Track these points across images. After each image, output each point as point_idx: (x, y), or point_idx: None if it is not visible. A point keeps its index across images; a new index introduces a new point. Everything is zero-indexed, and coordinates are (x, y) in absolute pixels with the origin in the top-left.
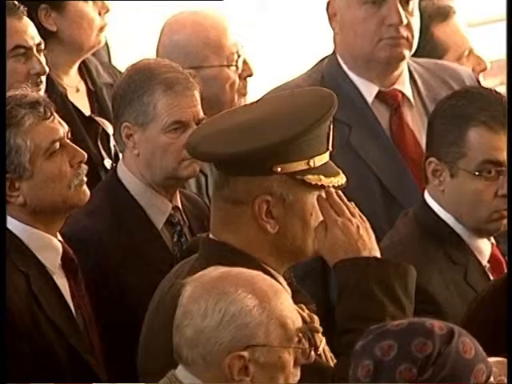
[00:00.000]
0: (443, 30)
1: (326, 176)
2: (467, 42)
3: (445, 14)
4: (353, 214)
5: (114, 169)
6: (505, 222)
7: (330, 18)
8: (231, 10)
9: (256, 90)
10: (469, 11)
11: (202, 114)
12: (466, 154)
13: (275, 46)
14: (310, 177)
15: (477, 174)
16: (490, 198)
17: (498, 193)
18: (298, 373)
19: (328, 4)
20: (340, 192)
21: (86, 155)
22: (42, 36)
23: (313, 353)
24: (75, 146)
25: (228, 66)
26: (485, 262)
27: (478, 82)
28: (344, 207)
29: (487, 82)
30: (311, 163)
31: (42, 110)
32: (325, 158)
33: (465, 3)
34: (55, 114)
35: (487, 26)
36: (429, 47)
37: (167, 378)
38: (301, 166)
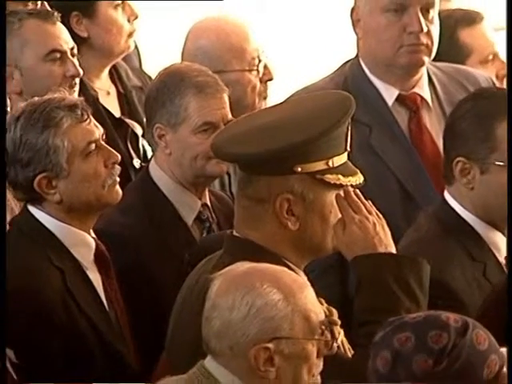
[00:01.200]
0: (469, 33)
1: (344, 175)
2: (492, 46)
3: (472, 19)
4: (370, 212)
5: (146, 168)
6: None
7: (353, 24)
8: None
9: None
10: (496, 15)
11: (230, 116)
12: (497, 148)
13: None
14: (328, 176)
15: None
16: None
17: None
18: (321, 364)
19: (352, 10)
20: (357, 191)
21: (119, 156)
22: (74, 41)
23: (335, 344)
24: (109, 147)
25: (249, 71)
26: (501, 259)
27: (494, 85)
28: (361, 205)
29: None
30: (330, 163)
31: (79, 112)
32: (343, 158)
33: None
34: (91, 117)
35: None
36: (453, 51)
37: (196, 368)
38: (320, 166)
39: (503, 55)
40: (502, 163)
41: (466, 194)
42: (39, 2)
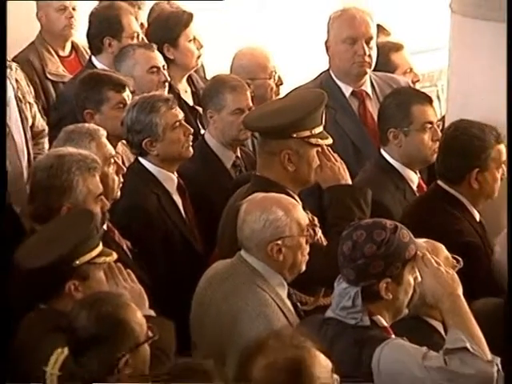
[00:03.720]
0: (396, 56)
1: (321, 139)
2: (409, 64)
3: (398, 47)
4: (336, 160)
5: (202, 136)
6: (434, 157)
7: (326, 50)
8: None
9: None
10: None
11: (251, 104)
12: (413, 121)
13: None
14: (312, 139)
15: (422, 127)
16: (430, 143)
17: (433, 138)
18: (308, 248)
19: (325, 41)
20: (329, 148)
21: (191, 130)
22: (165, 61)
23: (316, 237)
24: (187, 124)
25: (269, 79)
26: (414, 188)
27: (409, 85)
28: (331, 156)
29: (418, 85)
30: (313, 132)
31: (170, 103)
32: (320, 128)
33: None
34: (177, 106)
35: (421, 54)
36: (387, 66)
37: (236, 256)
38: (307, 133)
39: (416, 70)
40: (417, 129)
41: (396, 150)
42: (142, 38)
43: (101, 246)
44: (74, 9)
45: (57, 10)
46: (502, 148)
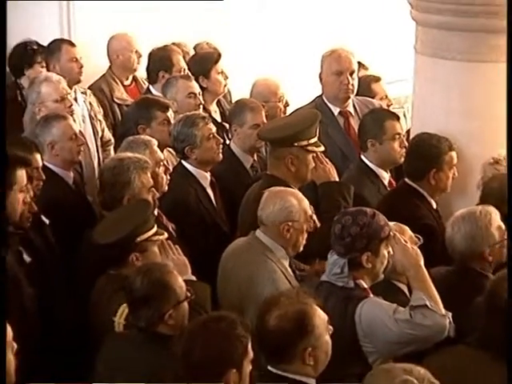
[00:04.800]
0: (375, 85)
1: (316, 147)
2: (385, 92)
3: (376, 78)
4: (327, 163)
5: (228, 145)
6: (402, 160)
7: (320, 80)
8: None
9: None
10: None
11: (265, 121)
12: (386, 132)
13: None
14: (308, 147)
15: (392, 137)
16: (399, 149)
17: (401, 146)
18: (306, 235)
19: (319, 74)
20: (322, 154)
21: (221, 140)
22: (200, 89)
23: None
24: (218, 136)
25: (279, 102)
26: (386, 183)
27: (382, 107)
28: (323, 160)
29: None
30: (309, 141)
31: (206, 120)
32: (315, 139)
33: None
34: (210, 122)
35: (392, 84)
36: (367, 93)
37: (251, 234)
38: (305, 142)
39: (389, 95)
40: (389, 139)
41: (372, 155)
42: (184, 70)
43: (155, 227)
44: (137, 52)
45: (132, 52)
46: (454, 154)
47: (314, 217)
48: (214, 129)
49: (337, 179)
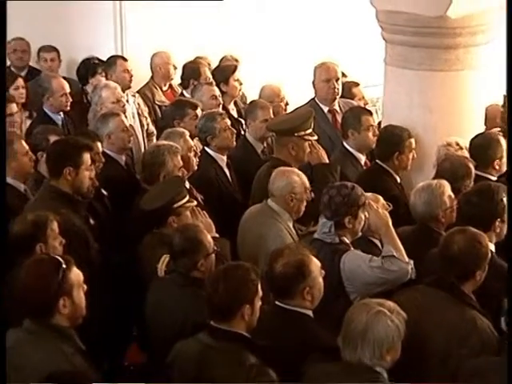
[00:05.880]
0: (355, 89)
1: (311, 136)
2: (362, 94)
3: (356, 84)
4: (319, 148)
5: (244, 134)
6: (374, 146)
7: (313, 86)
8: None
9: None
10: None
11: (272, 116)
12: (363, 124)
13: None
14: (306, 137)
15: (367, 128)
16: (372, 138)
17: (374, 135)
18: (305, 204)
19: (312, 82)
20: (315, 142)
21: (235, 131)
22: (220, 92)
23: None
24: (233, 128)
25: (281, 102)
26: (363, 164)
27: (359, 106)
28: (317, 146)
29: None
30: (306, 132)
31: (223, 116)
32: (310, 130)
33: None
34: (227, 117)
35: (367, 88)
36: (349, 95)
37: (263, 202)
38: (302, 133)
39: (366, 97)
40: (364, 129)
41: (352, 142)
42: (209, 78)
43: (187, 197)
44: (174, 65)
45: (170, 65)
46: (412, 140)
47: (309, 189)
48: (229, 122)
49: (327, 161)
